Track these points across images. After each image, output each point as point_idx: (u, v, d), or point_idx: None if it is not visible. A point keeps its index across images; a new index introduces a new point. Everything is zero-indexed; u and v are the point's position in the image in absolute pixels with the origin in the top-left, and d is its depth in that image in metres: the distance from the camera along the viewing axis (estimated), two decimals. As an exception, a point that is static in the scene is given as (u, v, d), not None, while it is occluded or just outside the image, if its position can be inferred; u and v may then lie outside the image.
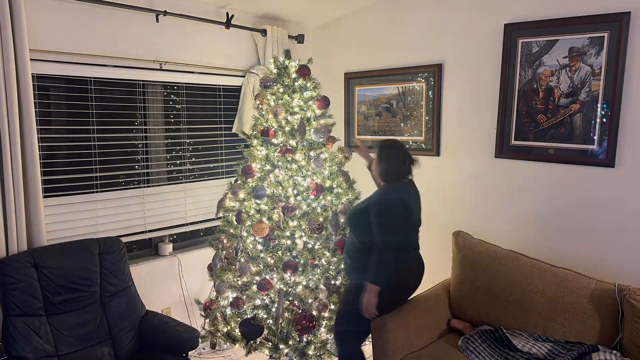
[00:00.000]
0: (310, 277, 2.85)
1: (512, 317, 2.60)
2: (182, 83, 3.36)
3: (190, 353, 2.66)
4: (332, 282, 2.90)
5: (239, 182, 3.06)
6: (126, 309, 2.69)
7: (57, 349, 2.42)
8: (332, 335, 2.76)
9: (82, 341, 2.51)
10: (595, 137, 2.72)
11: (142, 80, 3.15)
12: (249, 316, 2.87)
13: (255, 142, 3.05)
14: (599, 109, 2.69)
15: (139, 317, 2.72)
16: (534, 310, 2.53)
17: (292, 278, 2.83)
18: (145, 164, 3.23)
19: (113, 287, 2.69)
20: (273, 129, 2.96)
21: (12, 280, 2.36)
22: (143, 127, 3.20)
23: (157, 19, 3.07)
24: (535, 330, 2.52)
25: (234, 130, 3.63)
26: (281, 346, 2.83)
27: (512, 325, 2.60)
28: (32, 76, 2.55)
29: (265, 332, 2.85)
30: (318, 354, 2.82)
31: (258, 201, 2.90)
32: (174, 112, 3.37)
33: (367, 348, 2.61)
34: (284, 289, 2.84)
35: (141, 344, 2.69)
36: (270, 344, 2.85)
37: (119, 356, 2.59)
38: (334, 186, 3.03)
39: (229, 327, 3.02)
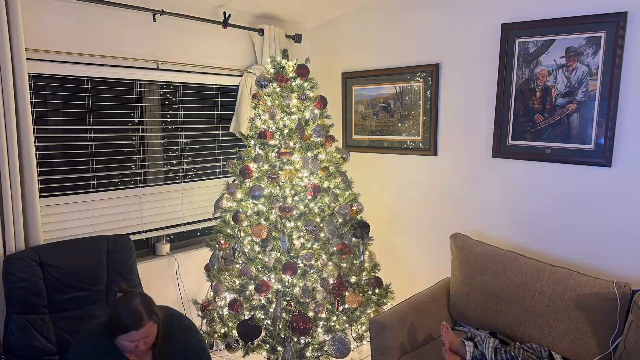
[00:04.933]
0: (308, 278, 2.84)
1: (512, 317, 2.61)
2: (179, 82, 3.35)
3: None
4: (331, 280, 2.89)
5: (236, 182, 3.06)
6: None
7: (58, 347, 2.40)
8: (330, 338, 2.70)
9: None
10: (592, 137, 2.73)
11: (139, 80, 3.13)
12: (246, 317, 2.86)
13: (252, 142, 3.04)
14: (596, 109, 2.70)
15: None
16: (533, 310, 2.54)
17: (291, 279, 2.82)
18: (142, 163, 3.21)
19: (120, 286, 2.67)
20: (270, 131, 2.96)
21: (16, 278, 2.33)
22: (140, 126, 3.19)
23: (154, 18, 3.05)
24: (534, 330, 2.53)
25: (231, 130, 3.62)
26: (279, 348, 2.82)
27: (512, 325, 2.61)
28: (29, 75, 2.54)
29: (263, 333, 2.84)
30: (316, 355, 2.82)
31: (255, 201, 2.89)
32: (171, 111, 3.36)
33: (366, 347, 2.61)
34: (282, 290, 2.84)
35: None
36: (267, 345, 2.84)
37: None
38: (331, 187, 3.03)
39: (226, 329, 3.01)
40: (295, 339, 2.77)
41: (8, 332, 2.31)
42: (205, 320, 3.14)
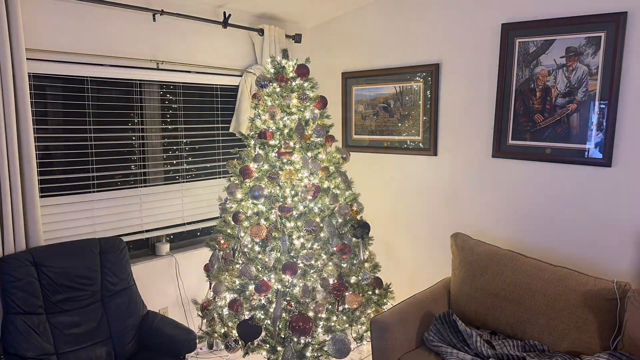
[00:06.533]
0: (308, 278, 2.84)
1: (512, 316, 2.61)
2: (179, 82, 3.35)
3: (187, 355, 2.65)
4: (331, 280, 2.89)
5: (236, 182, 3.06)
6: (127, 308, 2.68)
7: (56, 347, 2.41)
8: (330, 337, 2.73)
9: (81, 340, 2.50)
10: (592, 137, 2.73)
11: (139, 80, 3.13)
12: (246, 317, 2.86)
13: (252, 142, 3.04)
14: (595, 109, 2.70)
15: (140, 317, 2.71)
16: (533, 309, 2.54)
17: (291, 279, 2.82)
18: (142, 163, 3.21)
19: (114, 286, 2.68)
20: (270, 131, 2.96)
21: (11, 278, 2.35)
22: (140, 126, 3.18)
23: (154, 18, 3.05)
24: (534, 329, 2.53)
25: (231, 130, 3.62)
26: (279, 348, 2.82)
27: (512, 324, 2.61)
28: (29, 75, 2.54)
29: (263, 333, 2.84)
30: (316, 355, 2.82)
31: (255, 201, 2.89)
32: (171, 111, 3.36)
33: (366, 347, 2.61)
34: (282, 290, 2.84)
35: (140, 344, 2.68)
36: (267, 345, 2.84)
37: (119, 356, 2.58)
38: (331, 187, 3.03)
39: (226, 328, 3.01)
40: (295, 339, 2.77)
41: (5, 332, 2.33)
42: (205, 320, 3.14)
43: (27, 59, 2.48)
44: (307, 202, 2.91)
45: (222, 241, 3.07)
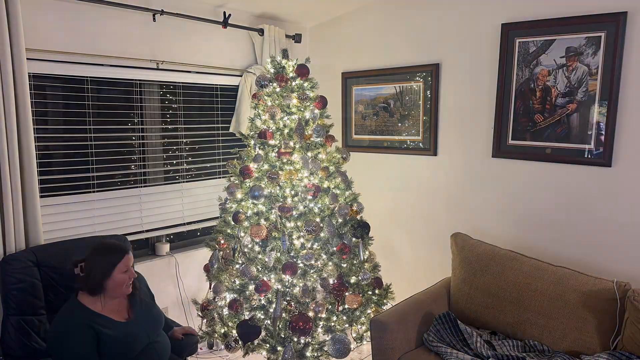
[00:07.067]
0: (308, 278, 2.84)
1: (512, 316, 2.61)
2: (179, 82, 3.35)
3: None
4: (331, 280, 2.90)
5: (236, 182, 3.06)
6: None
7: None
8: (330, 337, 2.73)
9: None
10: (592, 137, 2.73)
11: (139, 80, 3.13)
12: (246, 317, 2.86)
13: (252, 142, 3.05)
14: (596, 109, 2.70)
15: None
16: (533, 309, 2.54)
17: (291, 279, 2.82)
18: (142, 163, 3.21)
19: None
20: (270, 131, 2.96)
21: (13, 280, 2.32)
22: (140, 126, 3.19)
23: (154, 18, 3.05)
24: (534, 329, 2.53)
25: (231, 130, 3.62)
26: (279, 348, 2.82)
27: (512, 324, 2.61)
28: (29, 75, 2.53)
29: (263, 333, 2.84)
30: (316, 355, 2.82)
31: (255, 201, 2.89)
32: (171, 111, 3.36)
33: (366, 347, 2.61)
34: (282, 290, 2.84)
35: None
36: (267, 345, 2.84)
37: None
38: (331, 187, 3.03)
39: (226, 328, 3.01)
40: (295, 339, 2.77)
41: (5, 333, 2.30)
42: (205, 320, 3.14)
43: (27, 59, 2.48)
44: (307, 202, 2.91)
45: (222, 241, 3.07)
